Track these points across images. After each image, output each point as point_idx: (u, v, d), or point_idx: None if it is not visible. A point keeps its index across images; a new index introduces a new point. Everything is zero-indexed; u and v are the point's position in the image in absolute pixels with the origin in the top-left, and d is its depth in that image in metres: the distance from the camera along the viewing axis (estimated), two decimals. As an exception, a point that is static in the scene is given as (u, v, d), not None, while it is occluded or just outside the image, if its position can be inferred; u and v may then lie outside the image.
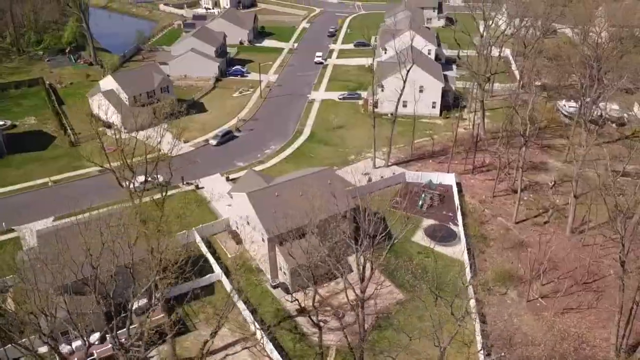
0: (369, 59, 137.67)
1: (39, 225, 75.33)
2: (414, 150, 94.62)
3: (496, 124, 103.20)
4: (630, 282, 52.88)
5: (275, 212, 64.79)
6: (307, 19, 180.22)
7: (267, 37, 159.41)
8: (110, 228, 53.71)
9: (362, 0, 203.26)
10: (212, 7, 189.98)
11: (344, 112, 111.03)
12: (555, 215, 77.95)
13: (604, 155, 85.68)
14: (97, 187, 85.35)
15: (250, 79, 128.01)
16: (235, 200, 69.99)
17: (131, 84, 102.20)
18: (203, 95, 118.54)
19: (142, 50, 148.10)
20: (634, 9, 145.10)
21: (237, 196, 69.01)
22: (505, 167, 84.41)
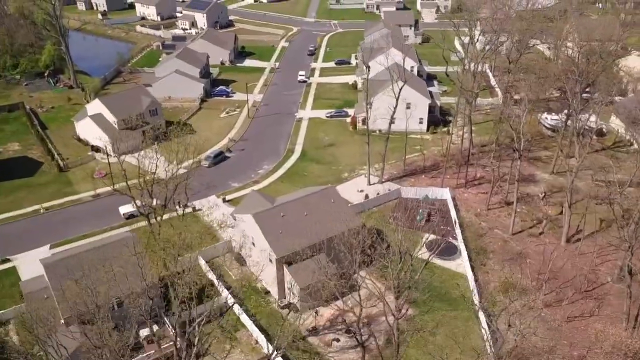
0: (352, 76, 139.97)
1: (35, 254, 73.68)
2: (405, 166, 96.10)
3: (482, 137, 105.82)
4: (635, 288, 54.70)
5: (281, 233, 65.09)
6: (285, 37, 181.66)
7: (248, 57, 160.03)
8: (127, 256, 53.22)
9: (337, 19, 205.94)
10: (189, 28, 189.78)
11: (333, 130, 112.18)
12: (549, 225, 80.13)
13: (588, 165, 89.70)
14: (91, 213, 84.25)
15: (236, 99, 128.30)
16: (240, 222, 69.87)
17: (119, 108, 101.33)
18: (190, 116, 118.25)
19: (122, 72, 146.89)
20: (602, 24, 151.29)
21: (241, 218, 68.96)
22: (498, 180, 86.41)
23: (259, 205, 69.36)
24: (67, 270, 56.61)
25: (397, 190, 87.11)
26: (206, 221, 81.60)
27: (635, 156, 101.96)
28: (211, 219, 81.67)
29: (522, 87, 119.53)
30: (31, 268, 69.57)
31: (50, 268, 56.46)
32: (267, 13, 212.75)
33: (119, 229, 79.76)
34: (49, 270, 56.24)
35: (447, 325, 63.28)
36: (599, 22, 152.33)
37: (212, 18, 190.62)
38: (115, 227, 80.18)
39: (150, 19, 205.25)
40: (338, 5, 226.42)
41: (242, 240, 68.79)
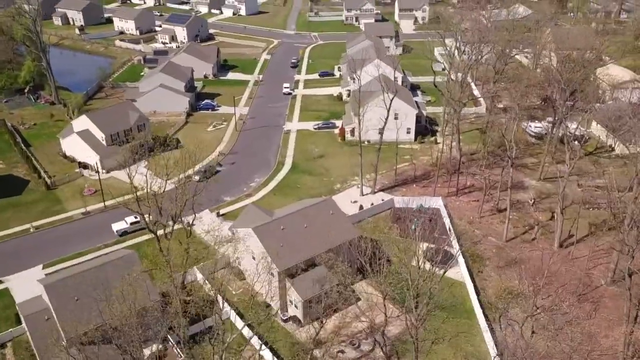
0: (336, 88, 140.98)
1: (28, 274, 72.28)
2: (396, 176, 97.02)
3: (469, 146, 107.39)
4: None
5: (282, 246, 65.06)
6: (267, 50, 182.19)
7: (231, 70, 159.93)
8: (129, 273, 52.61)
9: (317, 31, 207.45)
10: (169, 42, 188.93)
11: (321, 141, 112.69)
12: (541, 231, 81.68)
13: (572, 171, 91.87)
14: (82, 231, 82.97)
15: (222, 112, 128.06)
16: (239, 236, 69.57)
17: (107, 123, 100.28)
18: (177, 130, 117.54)
19: (104, 87, 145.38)
20: (578, 33, 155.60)
21: (241, 231, 68.71)
22: (489, 188, 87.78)
23: (257, 219, 69.25)
24: (68, 291, 55.71)
25: (391, 201, 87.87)
26: (201, 236, 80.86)
27: (616, 161, 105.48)
28: (207, 233, 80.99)
29: (506, 96, 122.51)
30: (25, 289, 68.10)
31: (51, 289, 55.41)
32: (247, 26, 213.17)
33: (112, 246, 78.72)
34: (49, 291, 55.18)
35: (449, 333, 63.84)
36: (575, 32, 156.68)
37: (193, 32, 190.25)
38: (109, 245, 79.08)
39: (129, 33, 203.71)
40: (317, 18, 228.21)
41: (242, 254, 68.47)
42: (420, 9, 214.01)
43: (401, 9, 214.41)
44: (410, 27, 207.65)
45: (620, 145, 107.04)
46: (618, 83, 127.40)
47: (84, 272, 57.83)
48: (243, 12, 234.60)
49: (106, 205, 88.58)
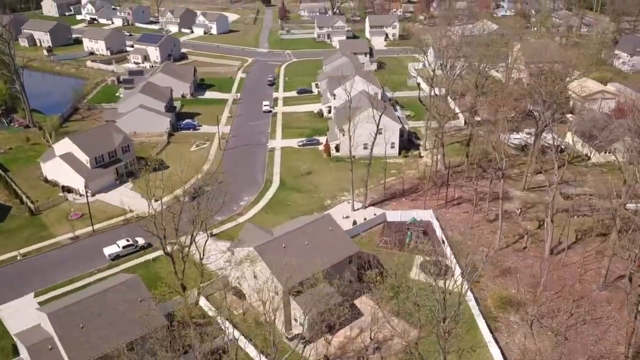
0: (316, 105, 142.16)
1: (19, 303, 70.15)
2: (385, 190, 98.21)
3: (452, 159, 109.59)
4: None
5: (285, 264, 64.92)
6: (242, 69, 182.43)
7: (208, 89, 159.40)
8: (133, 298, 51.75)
9: (290, 49, 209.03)
10: (142, 62, 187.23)
11: (307, 158, 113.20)
12: (531, 239, 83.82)
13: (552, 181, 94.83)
14: (72, 256, 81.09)
15: (203, 131, 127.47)
16: (240, 256, 69.11)
17: (91, 146, 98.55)
18: (160, 151, 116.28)
19: (79, 109, 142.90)
20: (546, 47, 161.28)
21: (241, 251, 68.32)
22: (479, 199, 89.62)
23: (257, 238, 69.08)
24: (73, 319, 54.35)
25: (383, 215, 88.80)
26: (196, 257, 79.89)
27: (593, 169, 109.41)
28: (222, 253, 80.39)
29: (483, 109, 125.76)
30: (18, 318, 66.21)
31: (55, 317, 53.87)
32: (220, 45, 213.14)
33: (105, 270, 77.11)
34: (53, 320, 53.61)
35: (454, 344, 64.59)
36: (543, 46, 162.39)
37: (165, 51, 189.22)
38: (101, 270, 77.38)
39: (99, 54, 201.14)
40: (289, 35, 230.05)
41: (242, 274, 68.01)
42: (391, 25, 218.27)
43: (372, 25, 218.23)
44: (382, 43, 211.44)
45: (596, 154, 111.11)
46: (588, 95, 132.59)
47: (87, 298, 56.49)
48: (214, 31, 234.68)
49: (95, 229, 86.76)
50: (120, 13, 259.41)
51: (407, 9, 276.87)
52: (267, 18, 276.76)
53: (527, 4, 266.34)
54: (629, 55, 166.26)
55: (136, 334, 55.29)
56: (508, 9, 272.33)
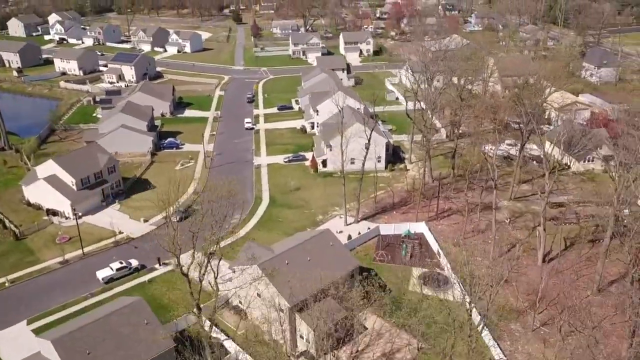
0: (298, 121, 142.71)
1: (12, 331, 67.82)
2: (376, 204, 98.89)
3: (438, 171, 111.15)
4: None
5: (289, 281, 64.62)
6: (219, 86, 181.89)
7: (187, 108, 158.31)
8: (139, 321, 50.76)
9: (266, 66, 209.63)
10: (117, 81, 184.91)
11: (294, 174, 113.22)
12: (522, 248, 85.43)
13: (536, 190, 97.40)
14: (63, 281, 78.89)
15: (187, 150, 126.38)
16: (241, 274, 68.41)
17: (76, 167, 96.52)
18: (144, 171, 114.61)
19: (56, 131, 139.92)
20: (519, 61, 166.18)
21: (243, 269, 67.63)
22: (470, 210, 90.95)
23: (258, 255, 68.46)
24: (78, 344, 52.83)
25: (377, 228, 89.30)
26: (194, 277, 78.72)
27: (574, 178, 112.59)
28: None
29: (468, 122, 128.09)
30: (12, 347, 64.15)
31: (60, 343, 52.18)
32: (195, 63, 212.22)
33: (100, 294, 75.21)
34: (58, 346, 51.91)
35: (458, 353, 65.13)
36: (516, 60, 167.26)
37: (141, 70, 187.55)
38: (95, 294, 75.41)
39: (71, 74, 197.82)
40: (263, 53, 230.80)
41: (245, 293, 67.32)
42: (365, 41, 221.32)
43: (346, 42, 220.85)
44: (357, 59, 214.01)
45: (575, 162, 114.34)
46: (562, 106, 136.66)
47: (91, 323, 54.95)
48: (188, 49, 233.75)
49: (85, 253, 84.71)
50: (90, 33, 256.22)
51: (378, 25, 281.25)
52: (239, 36, 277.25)
53: (493, 19, 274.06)
54: (596, 67, 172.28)
55: (143, 358, 54.02)
56: (476, 24, 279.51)
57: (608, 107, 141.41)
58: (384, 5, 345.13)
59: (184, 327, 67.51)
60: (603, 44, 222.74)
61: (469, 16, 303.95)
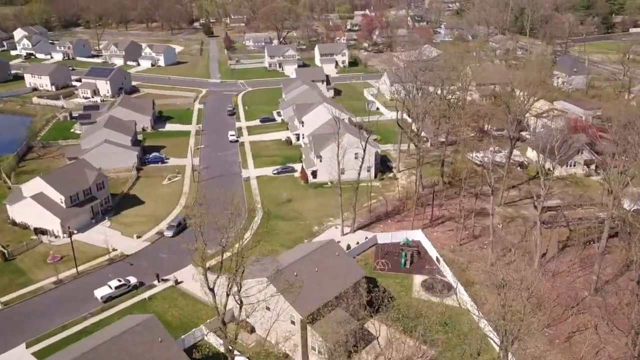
0: (282, 132, 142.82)
1: (11, 356, 65.35)
2: (370, 213, 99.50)
3: (427, 179, 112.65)
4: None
5: (299, 293, 64.34)
6: (198, 99, 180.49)
7: (168, 121, 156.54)
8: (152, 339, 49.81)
9: (243, 78, 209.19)
10: (92, 96, 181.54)
11: (284, 185, 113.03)
12: (518, 252, 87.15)
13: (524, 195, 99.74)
14: (59, 302, 76.66)
15: (172, 164, 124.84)
16: (248, 287, 67.70)
17: (64, 184, 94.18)
18: (131, 186, 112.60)
19: (33, 147, 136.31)
20: (494, 70, 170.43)
21: (251, 282, 66.95)
22: (466, 217, 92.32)
23: (265, 268, 67.94)
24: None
25: (374, 237, 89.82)
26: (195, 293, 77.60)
27: (557, 182, 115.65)
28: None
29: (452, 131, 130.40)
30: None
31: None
32: (171, 77, 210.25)
33: (100, 314, 73.31)
34: (73, 370, 50.41)
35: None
36: (490, 69, 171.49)
37: (116, 85, 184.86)
38: (94, 313, 73.44)
39: (43, 89, 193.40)
40: (239, 65, 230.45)
41: (254, 306, 66.58)
42: (340, 53, 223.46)
43: (322, 54, 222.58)
44: (333, 71, 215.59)
45: (558, 167, 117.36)
46: (539, 113, 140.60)
47: (103, 344, 53.43)
48: (162, 62, 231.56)
49: (79, 271, 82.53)
50: (59, 47, 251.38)
51: (351, 37, 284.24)
52: (212, 49, 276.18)
53: (462, 29, 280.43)
54: (567, 75, 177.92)
55: (160, 377, 52.91)
56: (446, 35, 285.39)
57: (582, 114, 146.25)
58: (353, 18, 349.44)
59: (192, 343, 66.44)
60: (570, 53, 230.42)
61: (438, 27, 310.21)
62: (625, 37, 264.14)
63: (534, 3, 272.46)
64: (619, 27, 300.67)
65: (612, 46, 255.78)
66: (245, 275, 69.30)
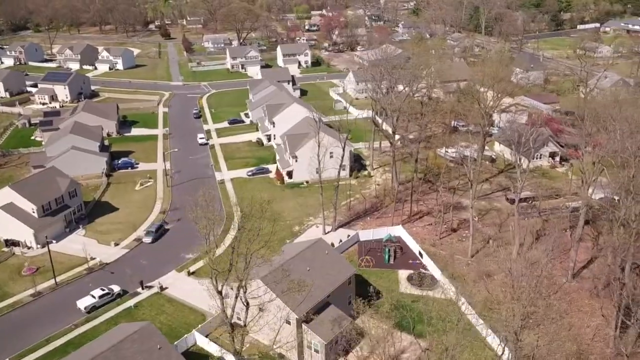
0: (252, 134, 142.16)
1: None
2: (349, 211, 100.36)
3: (403, 176, 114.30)
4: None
5: (309, 292, 64.34)
6: (161, 103, 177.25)
7: (133, 126, 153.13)
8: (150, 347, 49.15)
9: (206, 80, 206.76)
10: (50, 102, 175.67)
11: (260, 187, 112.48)
12: (496, 243, 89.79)
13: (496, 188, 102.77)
14: (39, 315, 74.26)
15: (142, 169, 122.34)
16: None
17: (36, 193, 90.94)
18: (102, 193, 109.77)
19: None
20: (455, 68, 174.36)
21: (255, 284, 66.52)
22: (445, 211, 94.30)
23: (257, 268, 67.65)
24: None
25: (356, 235, 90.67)
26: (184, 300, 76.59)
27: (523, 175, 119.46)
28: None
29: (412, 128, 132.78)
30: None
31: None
32: (132, 80, 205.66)
33: (84, 325, 71.30)
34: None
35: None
36: (453, 66, 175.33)
37: (75, 89, 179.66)
38: (79, 324, 71.40)
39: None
40: (200, 67, 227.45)
41: (246, 308, 66.21)
42: (303, 53, 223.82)
43: (284, 54, 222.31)
44: (297, 71, 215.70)
45: (525, 160, 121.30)
46: (504, 108, 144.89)
47: (102, 353, 52.13)
48: (120, 66, 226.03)
49: (58, 282, 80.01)
50: (10, 52, 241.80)
51: (310, 37, 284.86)
52: (171, 51, 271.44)
53: (419, 28, 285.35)
54: (525, 70, 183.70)
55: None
56: (403, 33, 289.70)
57: (543, 108, 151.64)
58: (310, 18, 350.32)
59: (185, 349, 65.58)
60: (524, 50, 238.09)
61: (396, 26, 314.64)
62: (574, 34, 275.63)
63: (487, 1, 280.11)
64: (567, 24, 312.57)
65: (562, 42, 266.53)
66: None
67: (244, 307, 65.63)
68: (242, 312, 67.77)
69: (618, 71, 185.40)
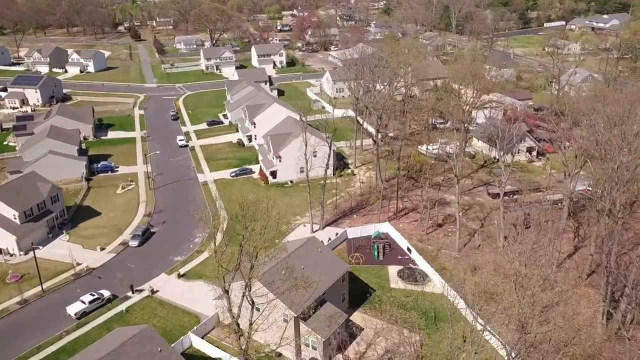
0: (232, 135, 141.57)
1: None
2: (336, 209, 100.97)
3: (386, 173, 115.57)
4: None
5: (289, 290, 64.65)
6: (137, 105, 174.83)
7: (109, 129, 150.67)
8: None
9: (180, 82, 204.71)
10: (20, 106, 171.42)
11: (244, 187, 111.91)
12: (482, 237, 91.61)
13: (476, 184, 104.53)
14: (28, 322, 72.75)
15: (122, 173, 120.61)
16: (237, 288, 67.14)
17: (17, 199, 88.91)
18: (83, 198, 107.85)
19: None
20: (432, 65, 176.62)
21: (239, 285, 66.45)
22: (431, 207, 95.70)
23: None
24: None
25: (345, 233, 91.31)
26: (176, 302, 75.93)
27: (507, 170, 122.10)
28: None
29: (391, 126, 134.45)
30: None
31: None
32: (104, 83, 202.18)
33: (75, 331, 70.11)
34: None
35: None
36: (429, 65, 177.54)
37: (47, 93, 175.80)
38: (69, 331, 70.14)
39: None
40: (174, 69, 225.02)
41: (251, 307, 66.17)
42: (277, 53, 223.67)
43: (259, 54, 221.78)
44: (272, 71, 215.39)
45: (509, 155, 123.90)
46: (480, 104, 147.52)
47: (102, 358, 51.49)
48: (91, 69, 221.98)
49: (44, 289, 78.41)
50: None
51: (284, 37, 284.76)
52: (142, 53, 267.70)
53: (391, 27, 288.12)
54: (497, 68, 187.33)
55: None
56: (376, 33, 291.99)
57: (518, 104, 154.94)
58: (282, 18, 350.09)
59: (181, 351, 65.06)
60: (495, 48, 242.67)
61: (368, 26, 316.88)
62: (541, 32, 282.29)
63: (457, 0, 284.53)
64: (534, 22, 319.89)
65: (531, 40, 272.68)
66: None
67: (246, 307, 65.93)
68: (247, 310, 67.94)
69: (587, 67, 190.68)
